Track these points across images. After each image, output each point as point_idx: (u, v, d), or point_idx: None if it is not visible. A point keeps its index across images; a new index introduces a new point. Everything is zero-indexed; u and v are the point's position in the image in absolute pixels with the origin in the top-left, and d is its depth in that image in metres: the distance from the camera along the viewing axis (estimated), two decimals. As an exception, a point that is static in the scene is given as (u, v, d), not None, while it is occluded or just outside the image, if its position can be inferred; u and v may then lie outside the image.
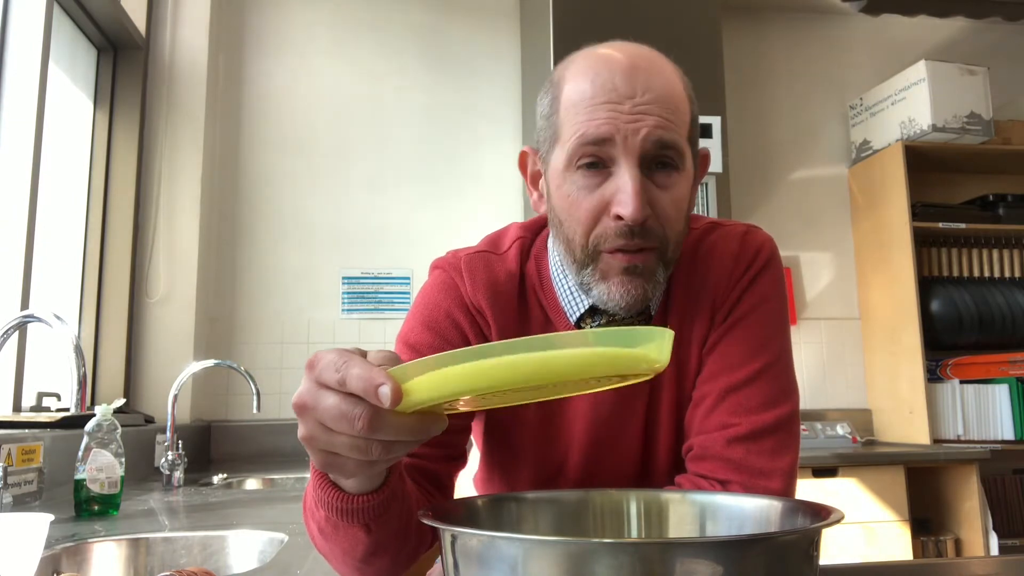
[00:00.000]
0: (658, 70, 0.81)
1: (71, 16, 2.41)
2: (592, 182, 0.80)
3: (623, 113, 0.78)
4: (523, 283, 0.93)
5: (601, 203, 0.80)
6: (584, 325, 0.90)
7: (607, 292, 0.82)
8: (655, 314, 0.91)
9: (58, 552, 1.11)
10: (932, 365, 3.11)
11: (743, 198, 3.26)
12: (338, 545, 0.72)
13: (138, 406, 2.56)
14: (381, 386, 0.50)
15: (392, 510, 0.68)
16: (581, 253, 0.82)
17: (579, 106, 0.80)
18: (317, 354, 0.55)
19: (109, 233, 2.59)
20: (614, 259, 0.81)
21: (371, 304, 2.98)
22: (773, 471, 0.83)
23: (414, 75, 3.15)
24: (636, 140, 0.78)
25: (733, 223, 0.96)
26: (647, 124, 0.78)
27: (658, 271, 0.82)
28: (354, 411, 0.52)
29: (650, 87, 0.79)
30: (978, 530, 2.69)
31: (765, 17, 3.48)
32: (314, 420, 0.55)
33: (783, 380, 0.88)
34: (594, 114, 0.79)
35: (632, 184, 0.77)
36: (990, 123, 3.08)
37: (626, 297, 0.81)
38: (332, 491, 0.65)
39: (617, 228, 0.79)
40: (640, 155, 0.78)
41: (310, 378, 0.55)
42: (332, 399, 0.53)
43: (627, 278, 0.81)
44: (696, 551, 0.45)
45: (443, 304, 0.92)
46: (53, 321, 1.42)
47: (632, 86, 0.78)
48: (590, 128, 0.78)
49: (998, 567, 1.05)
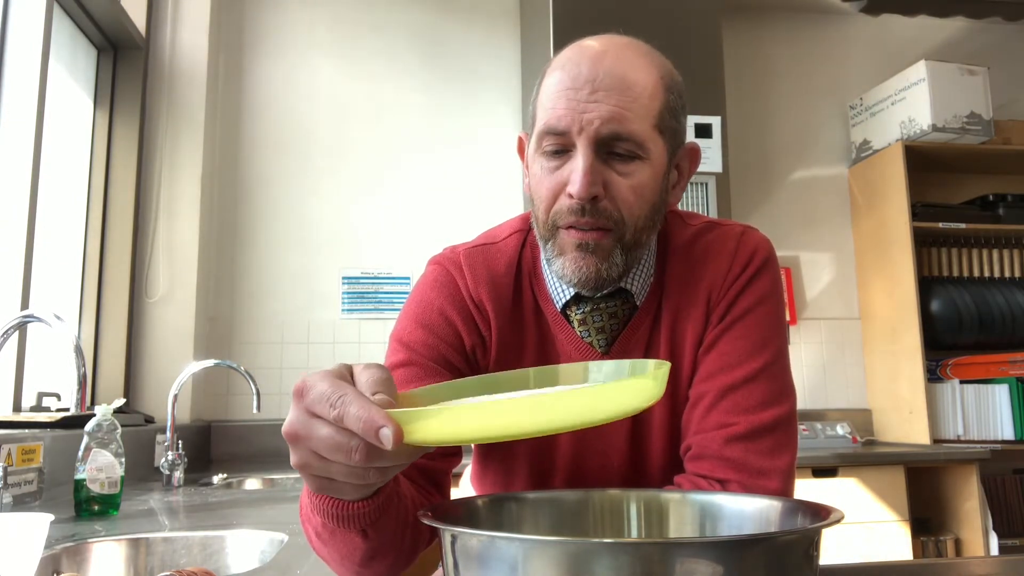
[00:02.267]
0: (625, 61, 0.84)
1: (71, 16, 2.41)
2: (553, 164, 0.85)
3: (580, 102, 0.82)
4: (519, 270, 0.96)
5: (559, 183, 0.85)
6: (569, 312, 0.92)
7: (563, 267, 0.87)
8: (641, 305, 0.92)
9: (58, 552, 1.11)
10: (932, 365, 3.11)
11: (743, 198, 3.26)
12: (336, 550, 0.72)
13: (138, 406, 2.56)
14: (382, 428, 0.50)
15: (388, 514, 0.68)
16: (543, 229, 0.88)
17: (548, 94, 0.85)
18: (305, 381, 0.54)
19: (109, 233, 2.59)
20: (568, 235, 0.85)
21: (371, 304, 2.98)
22: (772, 470, 0.83)
23: (414, 75, 3.15)
24: (590, 130, 0.82)
25: (730, 223, 0.96)
26: (599, 115, 0.81)
27: (614, 252, 0.85)
28: (350, 443, 0.52)
29: (611, 72, 0.82)
30: (978, 530, 2.69)
31: (765, 17, 3.48)
32: (307, 449, 0.54)
33: (781, 380, 0.89)
34: (556, 103, 0.83)
35: (582, 164, 0.82)
36: (990, 123, 3.08)
37: (577, 273, 0.85)
38: (327, 499, 0.65)
39: (569, 205, 0.84)
40: (594, 142, 0.82)
41: (300, 407, 0.54)
42: (326, 430, 0.53)
43: (579, 254, 0.85)
44: (696, 551, 0.45)
45: (436, 302, 0.93)
46: (53, 321, 1.42)
47: (593, 71, 0.82)
48: (551, 118, 0.84)
49: (998, 567, 1.05)
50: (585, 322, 0.91)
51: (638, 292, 0.91)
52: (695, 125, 2.71)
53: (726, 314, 0.89)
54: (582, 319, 0.91)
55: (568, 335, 0.92)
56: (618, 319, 0.91)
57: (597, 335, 0.91)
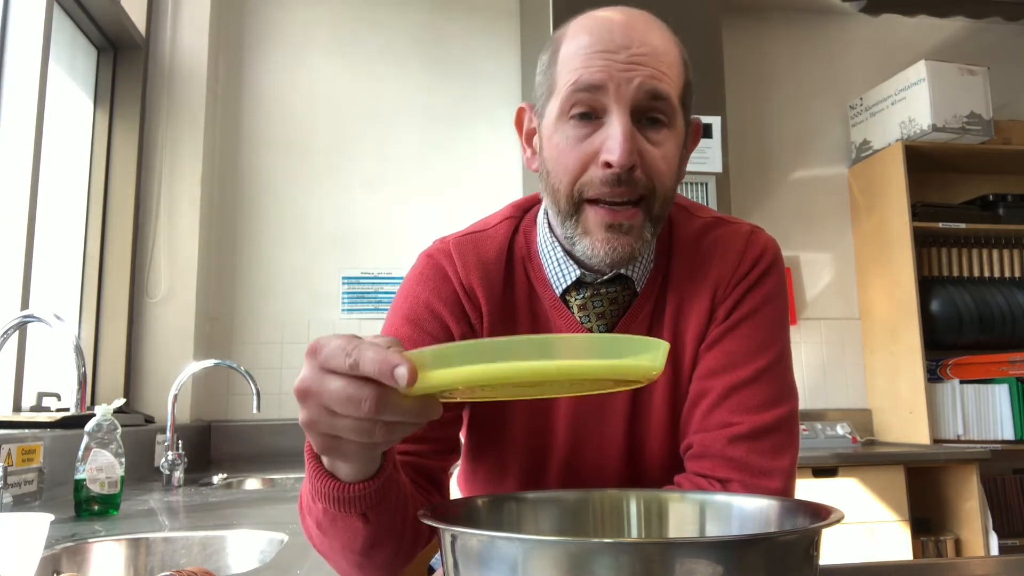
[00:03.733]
0: (655, 29, 0.83)
1: (71, 16, 2.41)
2: (583, 132, 0.81)
3: (618, 62, 0.79)
4: (511, 255, 0.94)
5: (590, 151, 0.81)
6: (569, 298, 0.91)
7: (591, 247, 0.83)
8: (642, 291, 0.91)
9: (58, 552, 1.11)
10: (932, 365, 3.11)
11: (743, 198, 3.26)
12: (337, 539, 0.72)
13: (138, 406, 2.56)
14: (397, 367, 0.51)
15: (389, 498, 0.69)
16: (566, 203, 0.83)
17: (576, 56, 0.81)
18: (319, 340, 0.56)
19: (109, 233, 2.59)
20: (596, 214, 0.82)
21: (371, 304, 2.98)
22: (773, 470, 0.83)
23: (414, 75, 3.15)
24: (630, 89, 0.79)
25: (739, 221, 0.95)
26: (641, 74, 0.79)
27: (645, 228, 0.83)
28: (361, 393, 0.53)
29: (646, 41, 0.81)
30: (978, 530, 2.69)
31: (765, 17, 3.48)
32: (318, 404, 0.56)
33: (784, 380, 0.89)
34: (590, 62, 0.80)
35: (622, 130, 0.78)
36: (990, 123, 3.08)
37: (611, 254, 0.82)
38: (329, 481, 0.66)
39: (603, 176, 0.80)
40: (632, 104, 0.79)
41: (313, 364, 0.55)
42: (338, 383, 0.54)
43: (611, 235, 0.82)
44: (696, 551, 0.45)
45: (422, 296, 0.92)
46: (53, 321, 1.42)
47: (629, 38, 0.80)
48: (584, 75, 0.80)
49: (998, 567, 1.05)
50: (585, 307, 0.90)
51: (638, 278, 0.90)
52: (695, 125, 2.70)
53: (732, 312, 0.89)
54: (582, 304, 0.90)
55: (567, 320, 0.91)
56: (618, 305, 0.90)
57: (597, 320, 0.90)
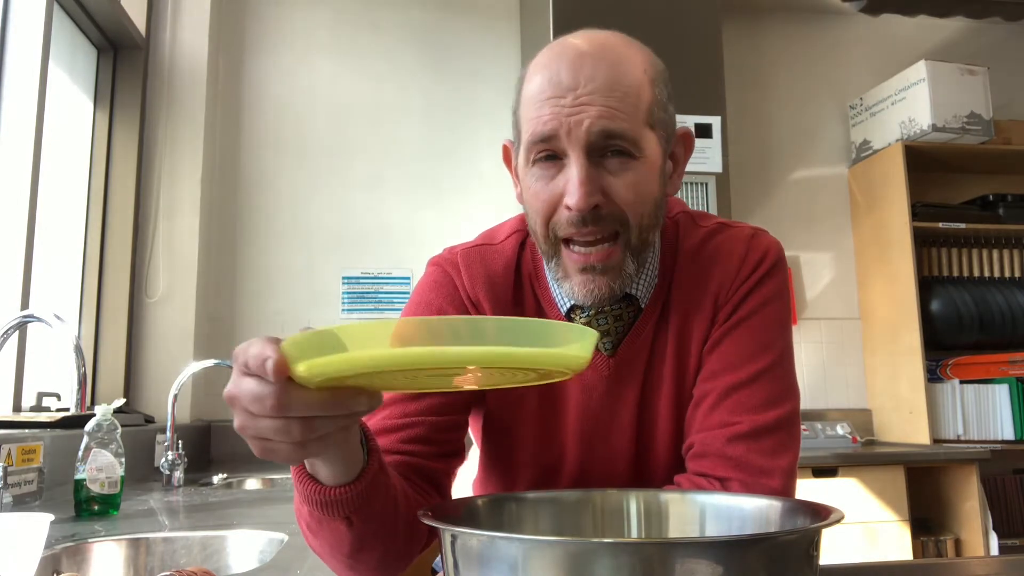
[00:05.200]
0: (609, 58, 0.81)
1: (71, 16, 2.41)
2: (548, 174, 0.82)
3: (565, 107, 0.79)
4: (519, 272, 0.94)
5: (556, 194, 0.81)
6: (574, 316, 0.91)
7: (571, 291, 0.85)
8: (646, 307, 0.91)
9: (58, 552, 1.11)
10: (932, 365, 3.11)
11: (743, 198, 3.26)
12: (325, 541, 0.73)
13: (138, 406, 2.56)
14: (267, 360, 0.51)
15: (373, 503, 0.69)
16: (544, 243, 0.85)
17: (531, 104, 0.82)
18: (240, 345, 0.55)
19: (109, 233, 2.59)
20: (570, 258, 0.83)
21: (371, 304, 2.98)
22: (773, 470, 0.83)
23: (414, 75, 3.15)
24: (580, 132, 0.78)
25: (741, 225, 0.95)
26: (589, 115, 0.78)
27: (624, 263, 0.83)
28: (263, 390, 0.53)
29: (594, 77, 0.79)
30: (978, 530, 2.69)
31: (765, 17, 3.48)
32: (240, 408, 0.55)
33: (785, 381, 0.89)
34: (540, 111, 0.80)
35: (577, 174, 0.78)
36: (990, 123, 3.08)
37: (589, 296, 0.83)
38: (310, 484, 0.66)
39: (569, 217, 0.80)
40: (586, 146, 0.79)
41: (235, 369, 0.55)
42: (247, 383, 0.54)
43: (587, 277, 0.82)
44: (696, 551, 0.45)
45: (435, 302, 0.93)
46: (53, 321, 1.42)
47: (575, 78, 0.79)
48: (537, 126, 0.80)
49: (998, 567, 1.05)
50: (590, 325, 0.90)
51: (642, 295, 0.90)
52: (695, 125, 2.71)
53: (733, 314, 0.89)
54: (587, 323, 0.90)
55: None
56: (623, 321, 0.91)
57: (603, 338, 0.91)
